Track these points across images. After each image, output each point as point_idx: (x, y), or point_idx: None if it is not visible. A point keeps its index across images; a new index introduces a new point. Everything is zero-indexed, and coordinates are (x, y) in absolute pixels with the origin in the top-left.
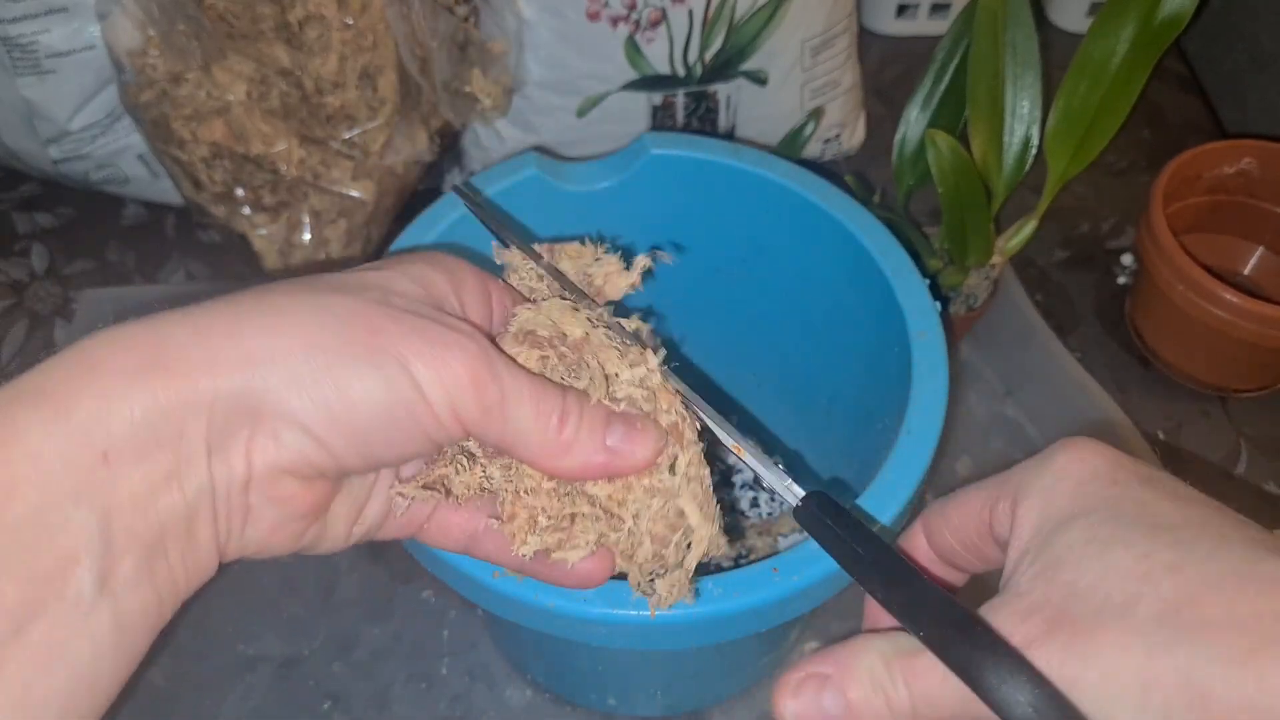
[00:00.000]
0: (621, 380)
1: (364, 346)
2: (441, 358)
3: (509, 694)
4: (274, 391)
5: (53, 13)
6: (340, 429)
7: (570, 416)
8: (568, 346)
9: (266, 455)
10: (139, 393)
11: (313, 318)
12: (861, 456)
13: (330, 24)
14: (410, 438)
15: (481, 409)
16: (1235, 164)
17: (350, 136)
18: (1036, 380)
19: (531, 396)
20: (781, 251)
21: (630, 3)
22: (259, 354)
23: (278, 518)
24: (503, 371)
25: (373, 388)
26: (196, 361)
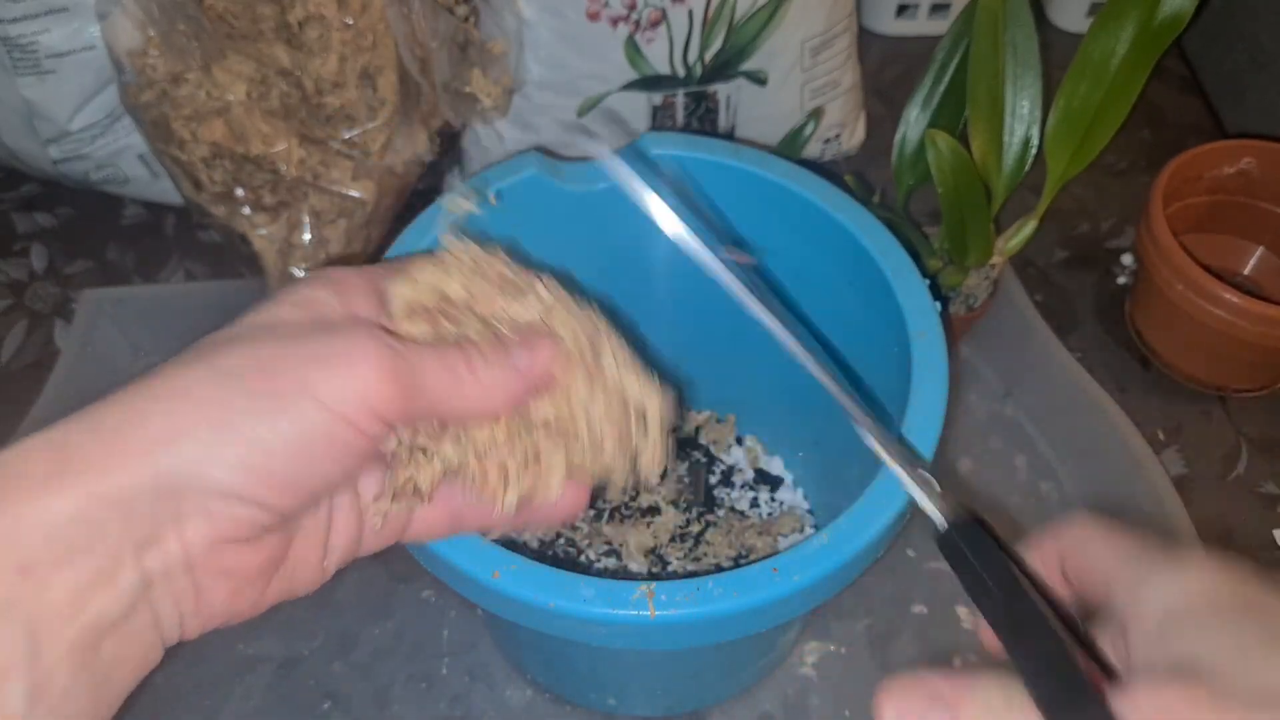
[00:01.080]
0: (512, 315)
1: (263, 393)
2: (342, 368)
3: (509, 694)
4: (189, 468)
5: (53, 13)
6: (266, 481)
7: (475, 360)
8: (451, 306)
9: (200, 533)
10: (50, 500)
11: (208, 384)
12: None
13: (330, 24)
14: (338, 459)
15: (399, 393)
16: (1235, 164)
17: (350, 136)
18: (1036, 380)
19: (436, 361)
20: (781, 251)
21: (630, 3)
22: (162, 436)
23: (232, 586)
24: (404, 352)
25: (284, 429)
26: (102, 460)
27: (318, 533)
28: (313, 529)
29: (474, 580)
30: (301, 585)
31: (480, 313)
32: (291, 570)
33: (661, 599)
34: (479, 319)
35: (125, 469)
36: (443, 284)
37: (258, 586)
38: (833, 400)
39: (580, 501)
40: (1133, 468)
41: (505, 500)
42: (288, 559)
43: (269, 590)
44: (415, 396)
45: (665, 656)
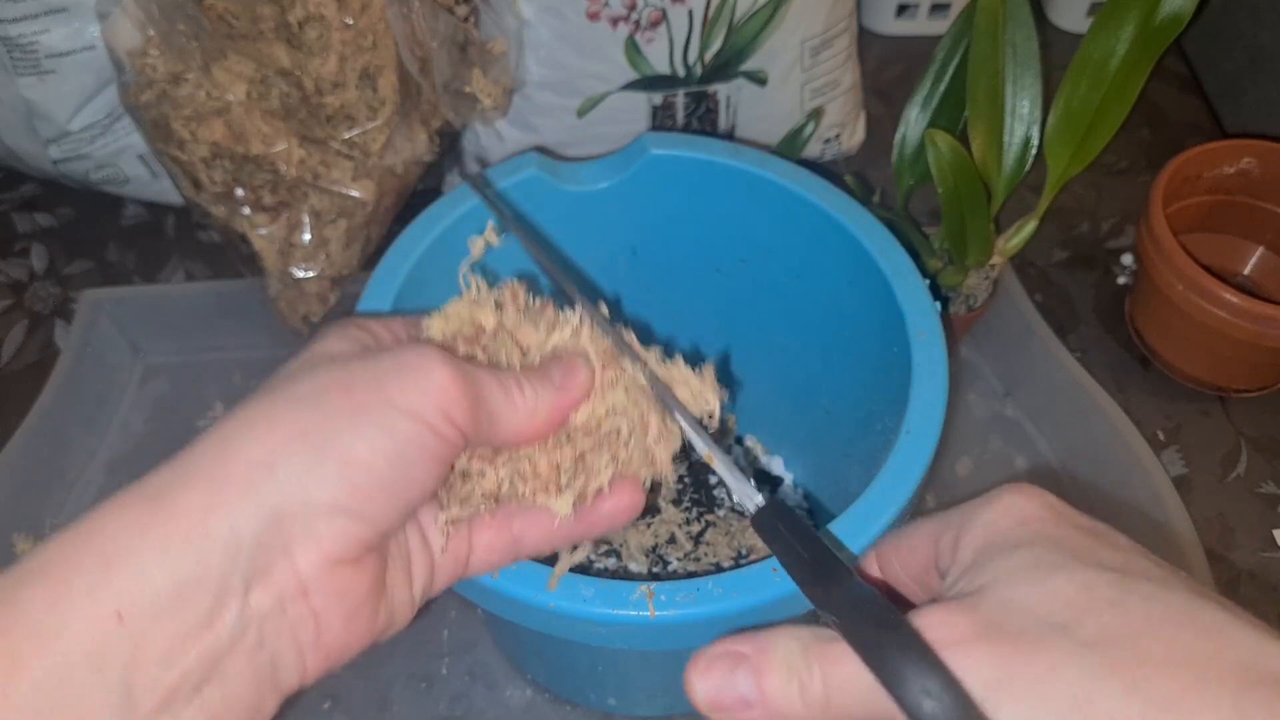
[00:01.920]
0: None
1: (348, 409)
2: (417, 378)
3: (509, 694)
4: (290, 492)
5: (53, 13)
6: (367, 494)
7: (523, 383)
8: (485, 336)
9: (311, 556)
10: (148, 549)
11: (291, 410)
12: (861, 456)
13: (330, 24)
14: (427, 467)
15: (470, 405)
16: (1235, 164)
17: (350, 136)
18: (1036, 380)
19: (493, 380)
20: (781, 251)
21: (630, 3)
22: (258, 466)
23: (346, 611)
24: (466, 366)
25: (376, 440)
26: (199, 501)
27: (402, 558)
28: (397, 554)
29: (474, 580)
30: (399, 615)
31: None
32: (391, 598)
33: (661, 599)
34: (512, 346)
35: (224, 506)
36: (475, 315)
37: (369, 612)
38: (832, 401)
39: (634, 500)
40: (1133, 468)
41: (560, 504)
42: (387, 585)
43: (378, 619)
44: (480, 407)
45: (665, 656)
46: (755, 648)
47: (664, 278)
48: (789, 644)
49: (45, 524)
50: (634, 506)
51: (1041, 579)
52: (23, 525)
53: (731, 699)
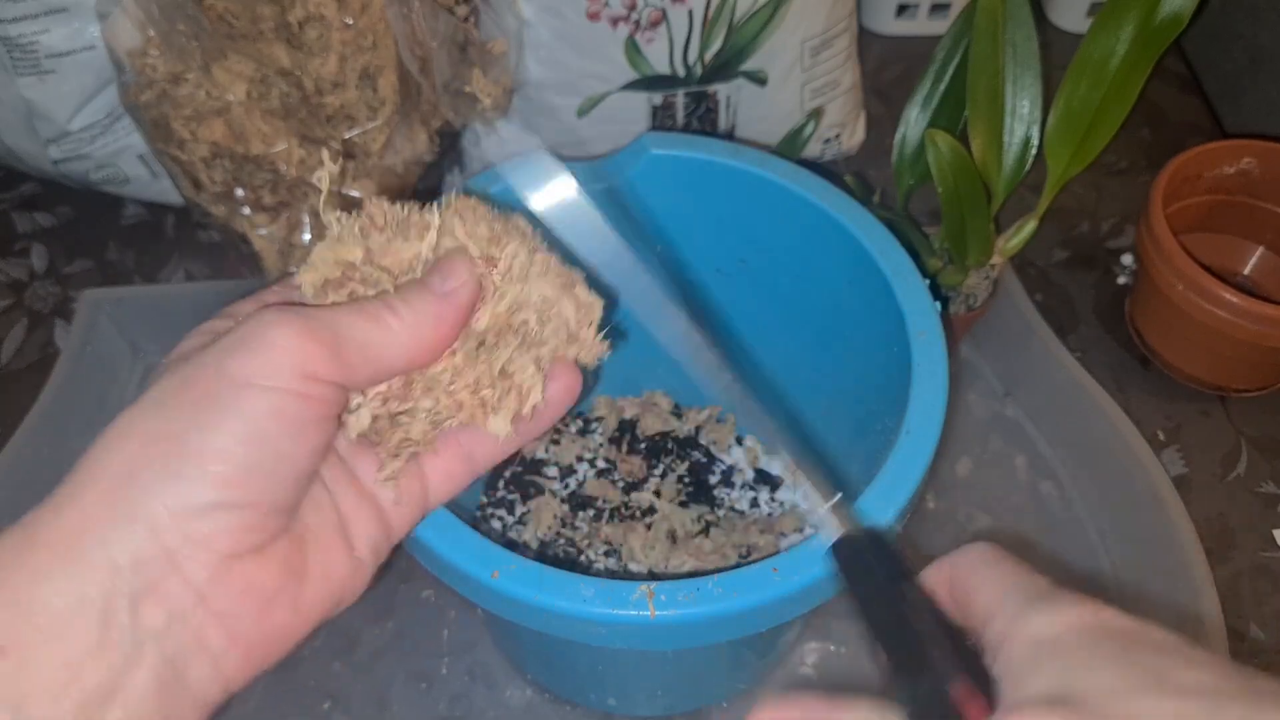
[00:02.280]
0: (424, 254)
1: (194, 401)
2: (255, 348)
3: (509, 694)
4: (156, 501)
5: (53, 13)
6: (237, 481)
7: (393, 302)
8: (357, 270)
9: (198, 560)
10: (21, 580)
11: (142, 419)
12: (861, 456)
13: (330, 24)
14: (299, 433)
15: (327, 351)
16: (1235, 164)
17: (350, 136)
18: (1036, 380)
19: (354, 314)
20: (781, 252)
21: (630, 3)
22: (120, 484)
23: (257, 606)
24: (316, 312)
25: (228, 423)
26: (70, 527)
27: (330, 526)
28: (321, 524)
29: (474, 580)
30: (342, 583)
31: (387, 265)
32: (322, 572)
33: (661, 599)
34: (383, 272)
35: (94, 529)
36: (339, 253)
37: (287, 601)
38: (832, 400)
39: (570, 383)
40: (1133, 468)
41: (496, 423)
42: (308, 561)
43: (304, 600)
44: (345, 350)
45: (665, 656)
46: (830, 709)
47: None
48: (864, 716)
49: None
50: (571, 389)
51: (1122, 702)
52: None
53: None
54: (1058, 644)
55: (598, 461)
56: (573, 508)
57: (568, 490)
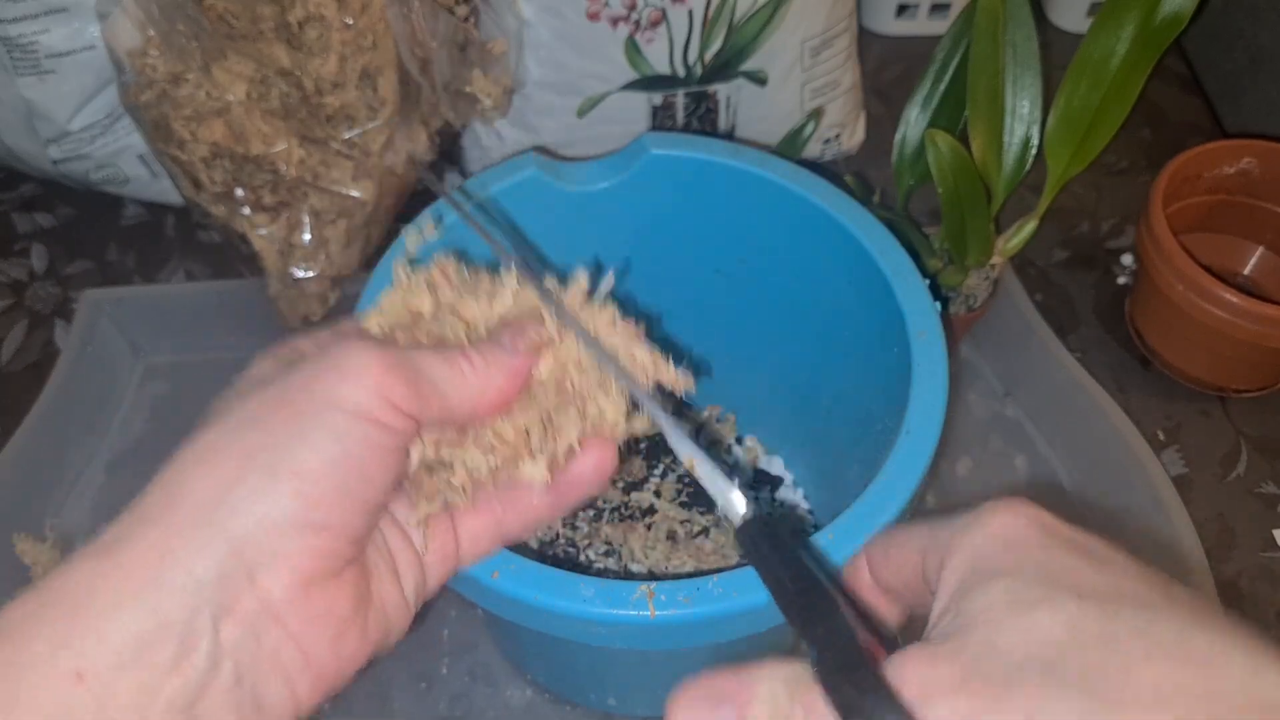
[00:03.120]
0: (493, 314)
1: (286, 421)
2: (346, 371)
3: (509, 694)
4: (246, 517)
5: (53, 13)
6: (326, 502)
7: (469, 352)
8: (424, 320)
9: (278, 579)
10: (101, 603)
11: (231, 437)
12: (861, 456)
13: (330, 24)
14: (380, 460)
15: (408, 385)
16: (1235, 164)
17: (350, 136)
18: (1036, 380)
19: (434, 355)
20: (781, 252)
21: (630, 3)
22: (207, 502)
23: (332, 630)
24: (400, 349)
25: (321, 443)
26: (151, 549)
27: (385, 563)
28: (379, 561)
29: (474, 580)
30: (395, 622)
31: (455, 316)
32: (381, 607)
33: (661, 599)
34: (456, 322)
35: (177, 548)
36: (410, 303)
37: (358, 628)
38: (832, 401)
39: (607, 458)
40: (1133, 468)
41: (534, 470)
42: (373, 595)
43: (370, 632)
44: (423, 388)
45: (665, 656)
46: (739, 685)
47: (664, 278)
48: (774, 685)
49: (45, 524)
50: (606, 464)
51: (1024, 614)
52: (23, 525)
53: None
54: (979, 557)
55: None
56: None
57: None
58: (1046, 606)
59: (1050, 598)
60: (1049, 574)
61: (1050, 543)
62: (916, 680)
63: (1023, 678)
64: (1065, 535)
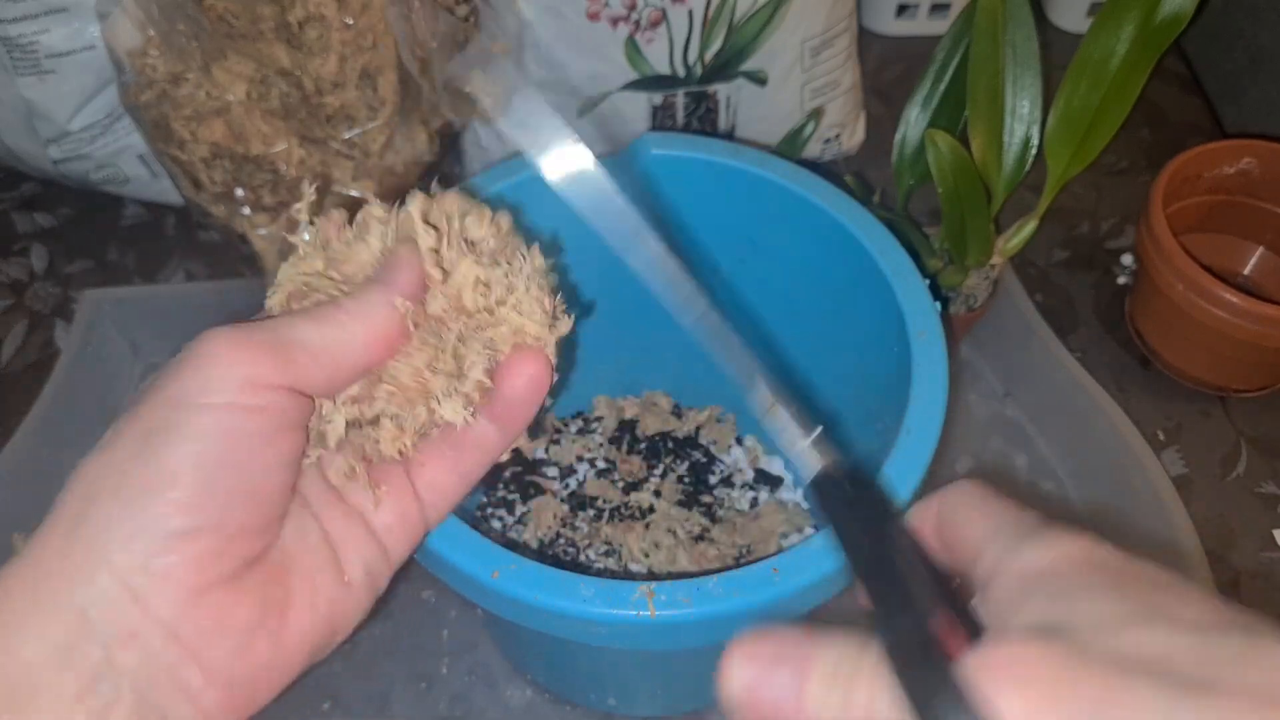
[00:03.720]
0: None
1: (143, 434)
2: (194, 365)
3: (509, 694)
4: (109, 538)
5: (53, 13)
6: (195, 504)
7: (343, 303)
8: (318, 279)
9: (164, 595)
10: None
11: (91, 464)
12: (861, 456)
13: (330, 24)
14: (252, 448)
15: (271, 357)
16: (1235, 164)
17: (350, 136)
18: (1036, 380)
19: (304, 317)
20: (781, 252)
21: (630, 3)
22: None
23: (234, 640)
24: (260, 324)
25: (177, 445)
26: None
27: (316, 552)
28: (305, 550)
29: (474, 580)
30: (334, 614)
31: (347, 272)
32: (309, 602)
33: (661, 599)
34: (348, 278)
35: (55, 577)
36: (300, 267)
37: (268, 631)
38: (832, 401)
39: (538, 370)
40: (1133, 468)
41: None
42: (292, 592)
43: (289, 633)
44: (294, 353)
45: (665, 656)
46: (802, 651)
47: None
48: (840, 658)
49: None
50: (539, 376)
51: (1117, 632)
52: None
53: (766, 697)
54: (1047, 576)
55: (598, 461)
56: (573, 508)
57: (568, 490)
58: (1142, 626)
59: (1143, 619)
60: (1135, 598)
61: (1127, 574)
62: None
63: (1131, 677)
64: (1139, 568)
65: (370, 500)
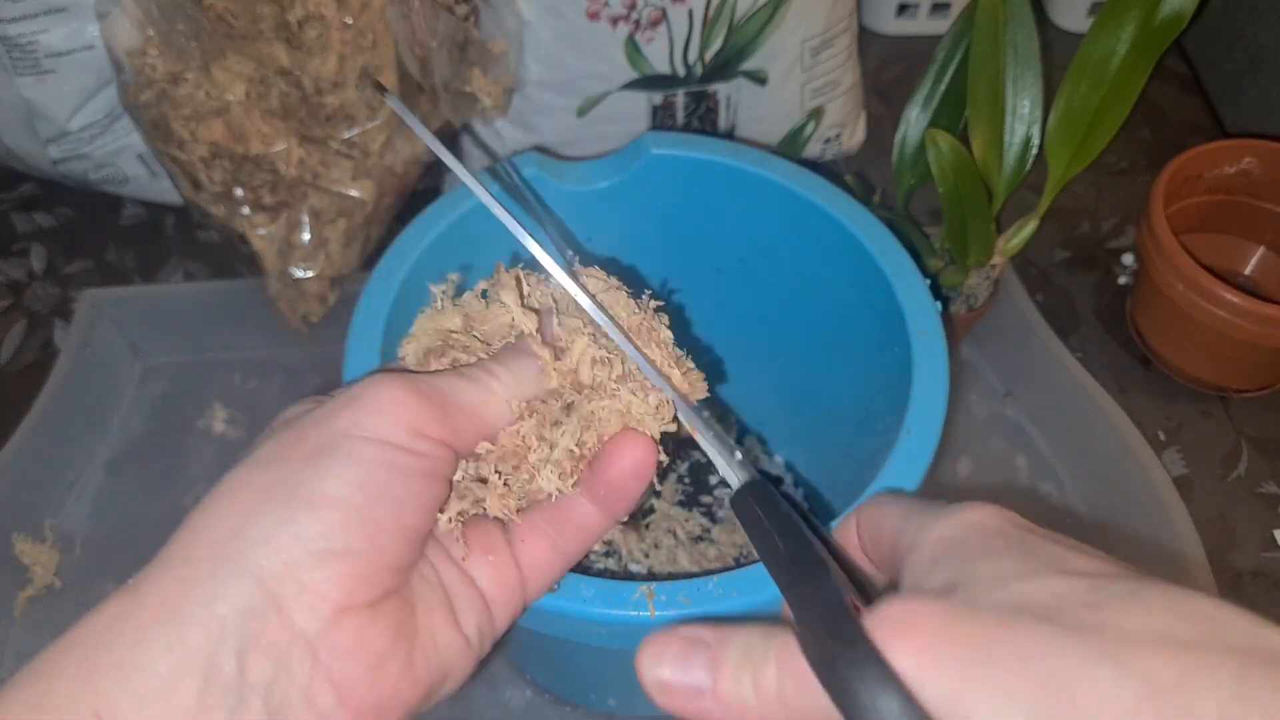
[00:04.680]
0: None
1: (306, 454)
2: (367, 403)
3: (509, 694)
4: (265, 551)
5: (52, 13)
6: (351, 528)
7: (492, 368)
8: (458, 338)
9: (310, 610)
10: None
11: (254, 473)
12: (861, 456)
13: (330, 24)
14: (409, 486)
15: (434, 410)
16: (1235, 164)
17: (350, 136)
18: (1036, 380)
19: (457, 376)
20: (781, 251)
21: (630, 2)
22: (227, 539)
23: (367, 664)
24: (424, 377)
25: (341, 470)
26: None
27: (436, 598)
28: (428, 594)
29: None
30: (452, 661)
31: (485, 331)
32: (432, 642)
33: (661, 599)
34: (487, 340)
35: (197, 586)
36: (439, 323)
37: (398, 662)
38: (833, 401)
39: (642, 453)
40: (1133, 468)
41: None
42: (419, 630)
43: (416, 669)
44: (451, 413)
45: None
46: (715, 636)
47: (664, 278)
48: (750, 636)
49: (45, 524)
50: (643, 459)
51: (1010, 584)
52: (23, 525)
53: (683, 686)
54: (955, 542)
55: None
56: None
57: None
58: (1035, 579)
59: (1038, 572)
60: (1032, 555)
61: (1027, 535)
62: (899, 621)
63: (1016, 621)
64: (1041, 531)
65: (461, 551)
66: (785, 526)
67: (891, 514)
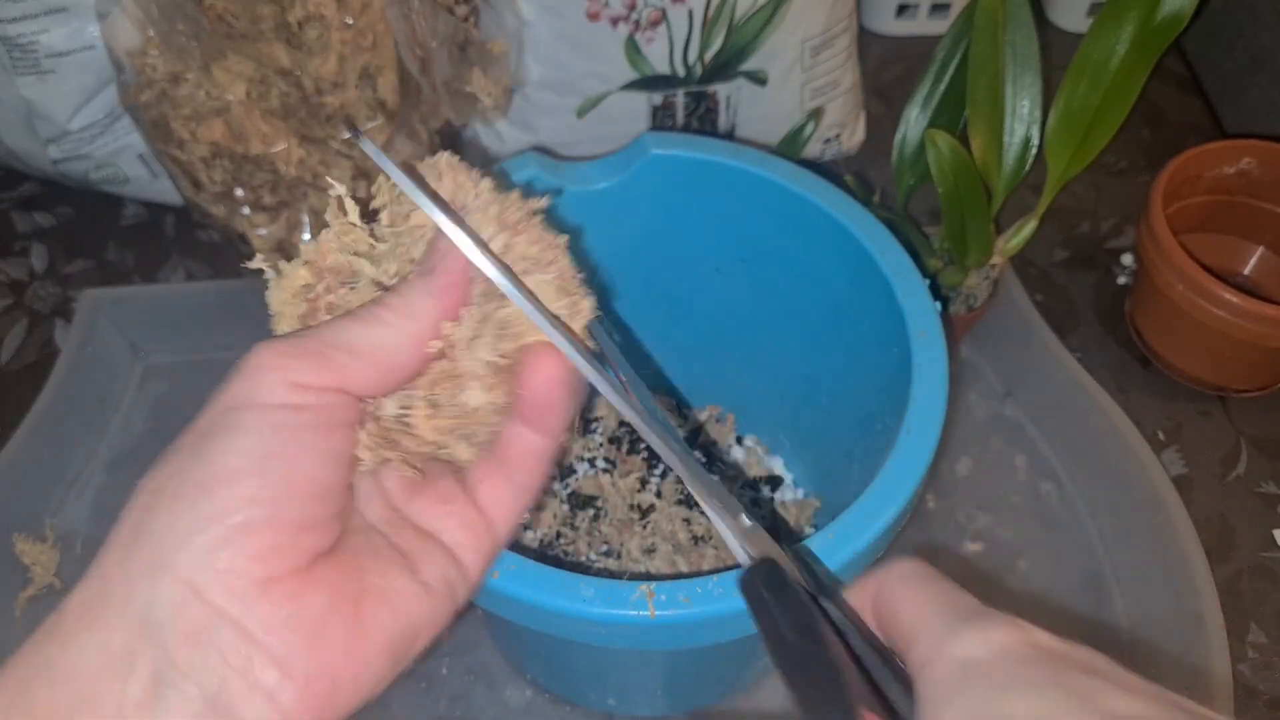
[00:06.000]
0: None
1: (192, 441)
2: (243, 370)
3: (509, 694)
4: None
5: (53, 13)
6: (250, 497)
7: (385, 300)
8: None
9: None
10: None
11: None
12: (861, 456)
13: (330, 24)
14: (301, 441)
15: (312, 360)
16: (1235, 164)
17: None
18: (1036, 380)
19: (346, 319)
20: (781, 251)
21: (630, 3)
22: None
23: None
24: (305, 330)
25: (228, 443)
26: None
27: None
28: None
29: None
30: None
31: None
32: (384, 600)
33: (661, 599)
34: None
35: (114, 586)
36: (288, 287)
37: (343, 626)
38: (832, 401)
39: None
40: (1133, 468)
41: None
42: (367, 589)
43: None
44: (331, 355)
45: (665, 656)
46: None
47: (664, 278)
48: None
49: (45, 524)
50: (553, 371)
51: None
52: (23, 525)
53: None
54: (983, 666)
55: (598, 461)
56: (573, 508)
57: (568, 490)
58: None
59: (1073, 712)
60: (1068, 693)
61: (1061, 666)
62: None
63: None
64: (1073, 656)
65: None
66: (797, 619)
67: (913, 602)
